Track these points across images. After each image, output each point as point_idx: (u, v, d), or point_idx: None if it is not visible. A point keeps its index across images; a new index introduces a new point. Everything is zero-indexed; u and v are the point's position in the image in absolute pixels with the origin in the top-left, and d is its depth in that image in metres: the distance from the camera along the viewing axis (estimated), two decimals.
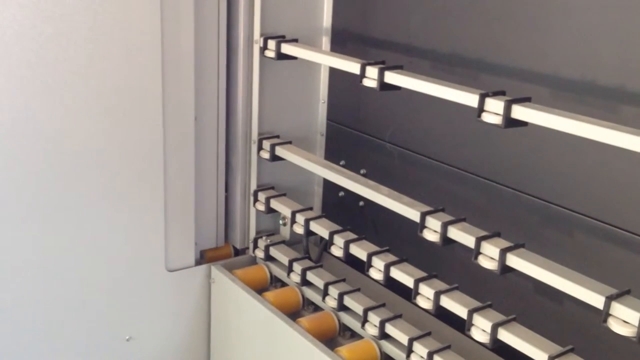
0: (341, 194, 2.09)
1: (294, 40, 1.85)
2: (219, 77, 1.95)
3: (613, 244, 1.45)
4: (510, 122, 1.31)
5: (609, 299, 1.20)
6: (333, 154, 2.08)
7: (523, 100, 1.31)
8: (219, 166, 2.04)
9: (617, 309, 1.19)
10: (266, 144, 1.97)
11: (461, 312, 1.49)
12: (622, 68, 1.39)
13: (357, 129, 2.07)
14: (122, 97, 1.78)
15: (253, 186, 2.05)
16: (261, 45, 1.89)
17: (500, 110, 1.31)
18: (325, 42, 2.00)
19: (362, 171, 2.01)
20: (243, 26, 1.91)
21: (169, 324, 2.06)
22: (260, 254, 2.08)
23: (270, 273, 2.06)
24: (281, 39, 1.86)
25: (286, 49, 1.83)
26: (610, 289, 1.23)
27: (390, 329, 1.68)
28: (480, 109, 1.35)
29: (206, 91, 1.94)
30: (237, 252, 2.16)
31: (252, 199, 2.06)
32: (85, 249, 1.86)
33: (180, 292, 2.04)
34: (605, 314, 1.21)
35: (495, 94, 1.35)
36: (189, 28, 1.82)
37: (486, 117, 1.34)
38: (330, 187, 2.05)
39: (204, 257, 2.11)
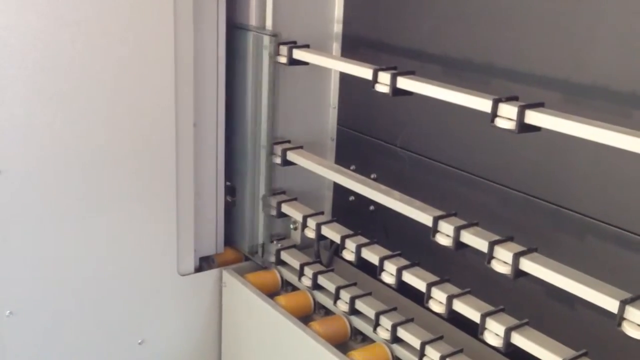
0: (351, 198, 2.10)
1: (306, 46, 1.87)
2: (218, 82, 1.95)
3: (626, 248, 1.45)
4: (523, 128, 1.32)
5: (623, 303, 1.21)
6: (344, 159, 2.09)
7: (536, 105, 1.32)
8: (219, 171, 2.04)
9: (632, 312, 1.20)
10: (277, 149, 1.98)
11: (474, 316, 1.50)
12: (634, 73, 1.39)
13: (368, 133, 2.08)
14: (136, 102, 1.80)
15: (263, 191, 2.06)
16: (272, 51, 1.91)
17: (514, 116, 1.32)
18: (336, 47, 2.02)
19: (372, 175, 2.02)
20: (254, 32, 1.92)
21: (180, 327, 2.06)
22: (271, 258, 2.09)
23: (282, 277, 2.06)
24: (293, 44, 1.87)
25: (298, 54, 1.84)
26: (624, 293, 1.24)
27: (402, 332, 1.69)
28: (494, 114, 1.36)
29: (207, 97, 1.94)
30: (247, 257, 2.17)
31: (262, 203, 2.07)
32: (98, 253, 1.87)
33: (192, 296, 2.05)
34: (619, 317, 1.21)
35: (509, 99, 1.36)
36: (188, 35, 1.82)
37: (499, 123, 1.35)
38: (340, 192, 2.06)
39: (215, 262, 2.12)
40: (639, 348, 1.24)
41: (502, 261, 1.42)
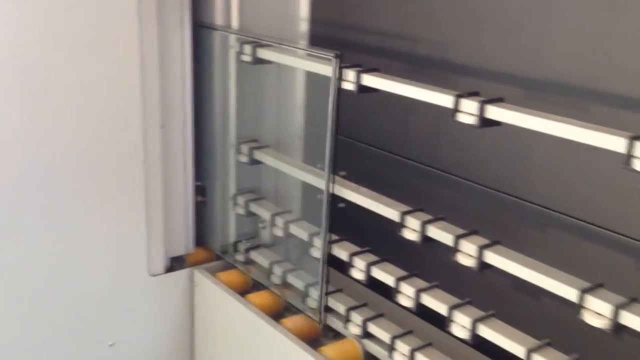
0: (320, 196, 2.11)
1: (270, 45, 1.87)
2: (186, 82, 1.95)
3: (588, 240, 1.48)
4: (484, 122, 1.34)
5: (583, 292, 1.24)
6: (312, 157, 2.09)
7: (496, 100, 1.34)
8: (188, 172, 2.03)
9: (591, 301, 1.23)
10: (244, 148, 1.99)
11: (441, 309, 1.52)
12: (591, 68, 1.42)
13: (335, 131, 2.09)
14: (101, 103, 1.79)
15: (232, 190, 2.07)
16: (238, 49, 1.91)
17: (475, 111, 1.34)
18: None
19: (341, 173, 2.03)
20: (220, 31, 1.92)
21: (152, 328, 2.06)
22: (241, 257, 2.10)
23: (252, 276, 2.07)
24: (257, 43, 1.87)
25: (262, 53, 1.85)
26: (584, 283, 1.27)
27: (372, 327, 1.70)
28: (456, 109, 1.38)
29: (174, 97, 1.94)
30: (218, 256, 2.17)
31: (231, 203, 2.07)
32: (67, 255, 1.86)
33: (164, 297, 2.05)
34: (579, 306, 1.24)
35: (470, 94, 1.38)
36: (153, 35, 1.82)
37: (461, 118, 1.37)
38: (309, 190, 2.06)
39: (186, 262, 2.11)
40: (600, 337, 1.26)
41: (467, 254, 1.45)
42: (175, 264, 2.09)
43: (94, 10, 1.71)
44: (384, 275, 1.65)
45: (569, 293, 1.26)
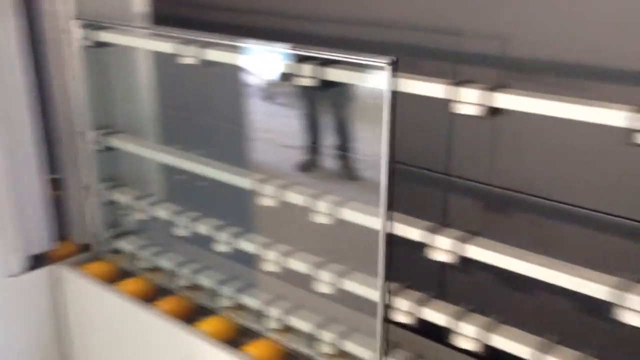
0: (180, 176, 2.09)
1: (111, 27, 1.82)
2: (20, 72, 1.85)
3: (458, 194, 1.54)
4: (322, 84, 1.37)
5: (429, 232, 1.31)
6: (167, 138, 2.07)
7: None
8: (37, 164, 1.95)
9: (437, 240, 1.30)
10: (96, 135, 1.94)
11: (307, 269, 1.56)
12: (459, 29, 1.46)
13: (188, 110, 2.08)
14: None
15: (89, 180, 2.01)
16: (77, 35, 1.85)
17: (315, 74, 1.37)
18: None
19: (198, 152, 2.02)
20: (55, 16, 1.86)
21: (16, 331, 1.98)
22: (106, 247, 2.05)
23: (119, 264, 2.03)
24: (95, 25, 1.82)
25: (101, 36, 1.80)
26: (431, 224, 1.33)
27: (245, 298, 1.74)
28: (292, 74, 1.41)
29: (11, 89, 1.85)
30: (82, 249, 2.11)
31: (90, 193, 2.02)
32: None
33: (26, 297, 1.97)
34: (424, 245, 1.31)
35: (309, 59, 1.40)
36: None
37: (300, 81, 1.40)
38: (169, 172, 2.04)
39: (49, 258, 2.04)
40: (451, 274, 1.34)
41: (322, 212, 1.49)
42: (37, 261, 2.01)
43: None
44: (248, 244, 1.67)
45: (416, 235, 1.32)
